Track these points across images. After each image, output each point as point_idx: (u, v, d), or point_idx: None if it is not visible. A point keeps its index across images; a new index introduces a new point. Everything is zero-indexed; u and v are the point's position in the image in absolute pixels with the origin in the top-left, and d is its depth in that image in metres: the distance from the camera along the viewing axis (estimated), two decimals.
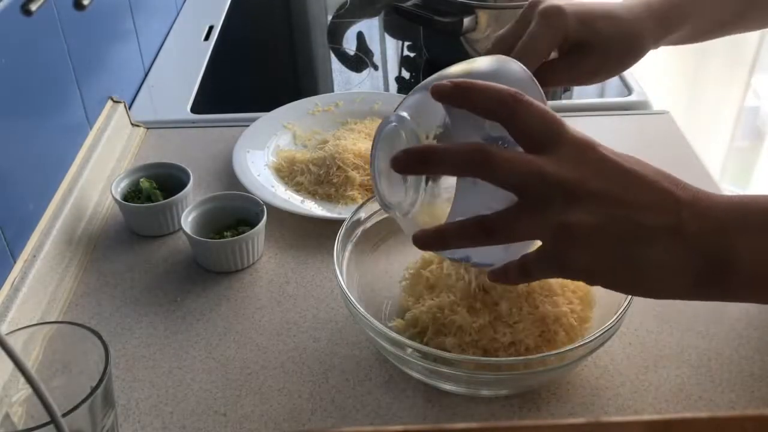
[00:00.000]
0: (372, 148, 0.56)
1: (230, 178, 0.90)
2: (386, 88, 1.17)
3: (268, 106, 1.00)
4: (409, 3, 1.11)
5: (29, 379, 0.40)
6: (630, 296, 0.60)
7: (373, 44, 1.31)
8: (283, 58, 1.32)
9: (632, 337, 0.68)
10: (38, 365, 0.56)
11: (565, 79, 0.69)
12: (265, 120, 0.98)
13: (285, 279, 0.77)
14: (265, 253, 0.80)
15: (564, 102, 1.08)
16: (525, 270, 0.51)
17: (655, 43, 0.67)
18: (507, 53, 0.64)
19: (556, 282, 0.67)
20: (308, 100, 1.02)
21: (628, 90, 1.08)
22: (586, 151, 0.48)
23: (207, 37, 1.28)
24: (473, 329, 0.63)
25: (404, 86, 1.18)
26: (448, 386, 0.62)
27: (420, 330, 0.65)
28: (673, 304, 0.72)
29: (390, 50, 1.30)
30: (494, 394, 0.63)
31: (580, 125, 0.49)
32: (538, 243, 0.50)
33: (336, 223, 0.72)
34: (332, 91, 1.16)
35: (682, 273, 0.47)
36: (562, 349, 0.58)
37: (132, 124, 1.00)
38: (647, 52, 0.67)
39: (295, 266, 0.78)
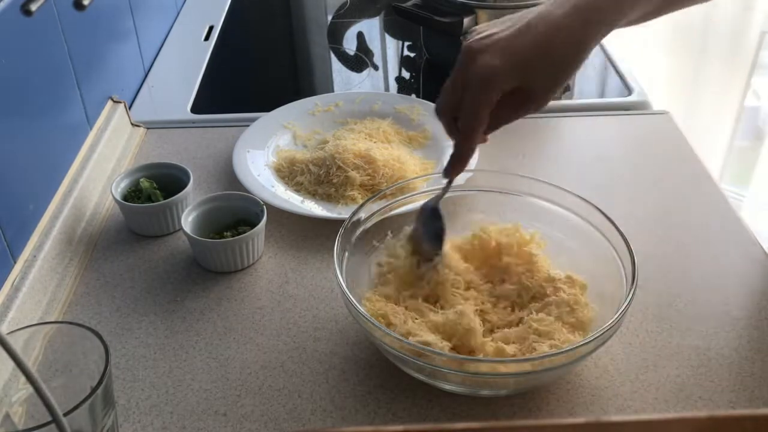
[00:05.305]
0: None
1: (230, 178, 0.90)
2: (386, 88, 1.17)
3: (268, 106, 1.01)
4: (409, 3, 1.11)
5: (31, 379, 0.40)
6: (629, 296, 0.60)
7: (373, 44, 1.31)
8: (282, 58, 1.32)
9: (632, 337, 0.68)
10: (38, 365, 0.56)
11: (513, 119, 0.66)
12: (265, 120, 0.98)
13: (285, 279, 0.77)
14: (265, 253, 0.80)
15: (564, 102, 1.07)
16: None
17: (599, 40, 0.63)
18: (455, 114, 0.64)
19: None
20: (308, 100, 1.02)
21: (628, 90, 1.07)
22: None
23: (207, 37, 1.28)
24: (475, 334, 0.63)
25: (404, 86, 1.18)
26: (448, 386, 0.62)
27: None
28: (673, 304, 0.72)
29: (390, 50, 1.30)
30: (494, 394, 0.63)
31: (580, 125, 0.49)
32: None
33: (336, 223, 0.72)
34: (332, 91, 1.16)
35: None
36: (563, 349, 0.58)
37: (132, 124, 1.00)
38: (588, 56, 0.63)
39: (295, 266, 0.78)
